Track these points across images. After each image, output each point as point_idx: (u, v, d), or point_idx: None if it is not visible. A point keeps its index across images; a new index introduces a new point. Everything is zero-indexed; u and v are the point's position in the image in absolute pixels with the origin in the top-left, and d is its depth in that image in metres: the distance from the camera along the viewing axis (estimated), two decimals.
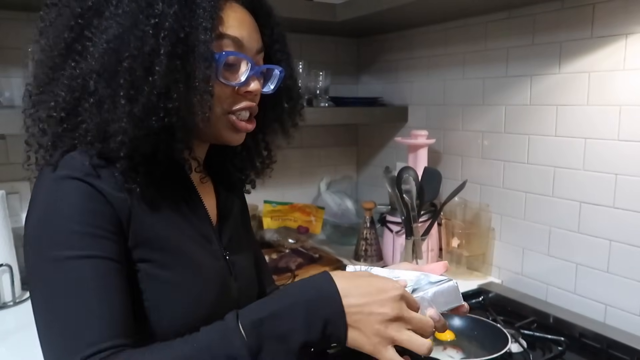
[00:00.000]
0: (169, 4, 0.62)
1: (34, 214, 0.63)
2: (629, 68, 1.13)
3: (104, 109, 0.62)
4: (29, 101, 0.68)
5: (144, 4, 0.62)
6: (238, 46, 0.70)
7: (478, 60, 1.50)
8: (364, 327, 0.59)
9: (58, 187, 0.62)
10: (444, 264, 0.76)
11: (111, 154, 0.63)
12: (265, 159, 0.89)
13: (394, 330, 0.60)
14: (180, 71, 0.62)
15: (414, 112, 1.76)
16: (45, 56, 0.65)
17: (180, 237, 0.70)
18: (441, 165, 1.64)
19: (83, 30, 0.63)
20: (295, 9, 1.50)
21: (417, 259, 1.40)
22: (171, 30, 0.61)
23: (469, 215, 1.51)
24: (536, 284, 1.38)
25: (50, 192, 0.62)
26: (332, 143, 2.00)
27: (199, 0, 0.64)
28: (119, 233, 0.63)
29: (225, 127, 0.72)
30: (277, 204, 1.76)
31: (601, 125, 1.19)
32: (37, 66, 0.67)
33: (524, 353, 1.07)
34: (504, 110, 1.43)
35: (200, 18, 0.64)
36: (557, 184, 1.30)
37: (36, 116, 0.67)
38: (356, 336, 0.59)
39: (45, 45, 0.66)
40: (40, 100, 0.66)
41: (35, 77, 0.67)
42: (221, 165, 0.86)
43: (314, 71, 1.63)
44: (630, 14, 1.12)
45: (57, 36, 0.64)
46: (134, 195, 0.64)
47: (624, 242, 1.17)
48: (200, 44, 0.63)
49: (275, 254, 1.63)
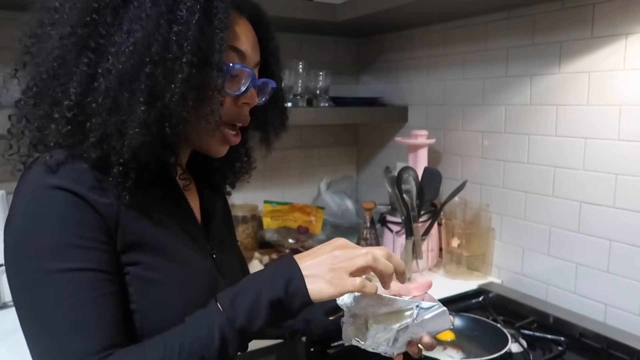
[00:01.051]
0: (191, 11, 0.62)
1: (18, 221, 0.61)
2: (629, 68, 1.13)
3: (116, 112, 0.61)
4: (27, 95, 0.65)
5: (166, 10, 0.61)
6: (242, 58, 0.71)
7: (478, 60, 1.50)
8: (318, 273, 0.64)
9: (44, 196, 0.60)
10: (429, 283, 0.77)
11: (110, 158, 0.62)
12: (244, 164, 0.90)
13: (344, 261, 0.65)
14: (197, 80, 0.63)
15: (414, 112, 1.76)
16: (52, 50, 0.63)
17: (168, 238, 0.70)
18: (441, 165, 1.64)
19: (97, 27, 0.62)
20: (295, 9, 1.50)
21: (417, 259, 1.40)
22: (193, 38, 0.62)
23: (469, 215, 1.51)
24: (536, 283, 1.38)
25: (37, 200, 0.61)
26: (332, 143, 2.00)
27: (215, 11, 0.65)
28: (109, 241, 0.63)
29: (216, 138, 0.73)
30: (277, 204, 1.76)
31: (601, 125, 1.19)
32: (40, 60, 0.64)
33: (524, 353, 1.07)
34: (504, 110, 1.43)
35: (216, 28, 0.64)
36: (557, 184, 1.30)
37: (34, 111, 0.65)
38: (316, 286, 0.63)
39: (55, 37, 0.63)
40: (41, 95, 0.64)
41: (37, 71, 0.64)
42: (202, 166, 0.87)
43: (314, 71, 1.63)
44: (630, 14, 1.12)
45: (70, 31, 0.62)
46: (121, 200, 0.63)
47: (624, 242, 1.17)
48: (215, 54, 0.64)
49: (275, 254, 1.63)
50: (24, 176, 0.64)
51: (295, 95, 1.61)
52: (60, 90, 0.62)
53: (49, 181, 0.60)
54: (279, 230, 1.72)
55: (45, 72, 0.63)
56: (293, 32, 1.80)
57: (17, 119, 0.67)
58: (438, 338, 1.10)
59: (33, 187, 0.61)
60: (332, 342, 1.14)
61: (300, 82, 1.61)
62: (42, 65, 0.63)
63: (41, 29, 0.65)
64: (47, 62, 0.63)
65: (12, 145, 0.67)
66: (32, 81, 0.65)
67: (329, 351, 1.12)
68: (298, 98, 1.61)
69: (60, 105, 0.62)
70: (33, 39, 0.66)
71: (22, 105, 0.66)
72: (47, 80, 0.63)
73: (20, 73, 0.67)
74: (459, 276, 1.47)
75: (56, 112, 0.62)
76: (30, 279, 0.59)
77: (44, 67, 0.63)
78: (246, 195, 1.81)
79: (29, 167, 0.64)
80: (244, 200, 1.81)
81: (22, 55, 0.67)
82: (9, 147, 0.67)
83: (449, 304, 1.29)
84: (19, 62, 0.66)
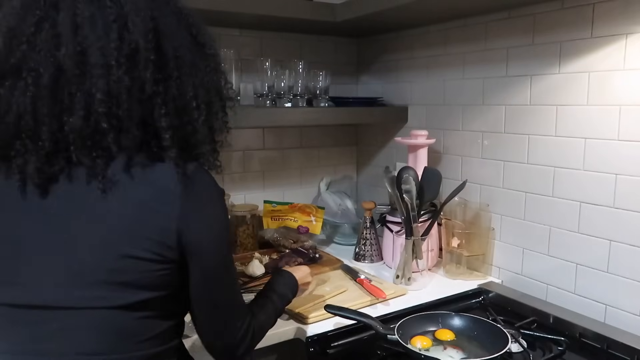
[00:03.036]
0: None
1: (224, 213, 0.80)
2: (629, 68, 1.13)
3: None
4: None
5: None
6: None
7: (478, 60, 1.50)
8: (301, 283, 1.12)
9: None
10: None
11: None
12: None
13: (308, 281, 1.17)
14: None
15: (414, 112, 1.76)
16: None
17: None
18: (441, 165, 1.64)
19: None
20: (295, 9, 1.50)
21: (417, 259, 1.40)
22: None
23: (469, 215, 1.51)
24: (536, 284, 1.38)
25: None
26: (332, 143, 2.01)
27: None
28: None
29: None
30: (277, 204, 1.76)
31: (601, 125, 1.19)
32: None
33: (524, 353, 1.07)
34: (504, 110, 1.43)
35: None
36: (557, 184, 1.30)
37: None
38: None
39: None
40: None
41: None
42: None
43: (313, 71, 1.63)
44: (630, 14, 1.12)
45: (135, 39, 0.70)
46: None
47: (624, 242, 1.17)
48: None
49: (275, 254, 1.63)
50: (204, 172, 0.77)
51: (295, 95, 1.61)
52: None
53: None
54: (279, 230, 1.72)
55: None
56: (293, 32, 1.80)
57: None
58: (438, 338, 1.10)
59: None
60: (332, 342, 1.14)
61: (300, 82, 1.61)
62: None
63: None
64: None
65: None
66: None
67: (329, 351, 1.13)
68: (298, 98, 1.61)
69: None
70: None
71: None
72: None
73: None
74: (459, 276, 1.47)
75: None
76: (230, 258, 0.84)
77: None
78: (246, 195, 1.82)
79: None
80: (244, 200, 1.81)
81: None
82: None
83: (449, 304, 1.31)
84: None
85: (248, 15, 1.46)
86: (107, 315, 0.69)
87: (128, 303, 0.69)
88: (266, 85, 1.57)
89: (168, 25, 0.72)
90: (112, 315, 0.69)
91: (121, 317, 0.70)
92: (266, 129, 1.84)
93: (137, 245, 0.68)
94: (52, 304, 0.69)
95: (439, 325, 1.14)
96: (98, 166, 0.68)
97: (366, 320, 1.12)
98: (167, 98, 0.71)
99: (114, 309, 0.69)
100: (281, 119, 1.55)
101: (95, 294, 0.68)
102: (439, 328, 1.13)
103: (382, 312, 1.25)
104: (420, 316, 1.16)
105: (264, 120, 1.55)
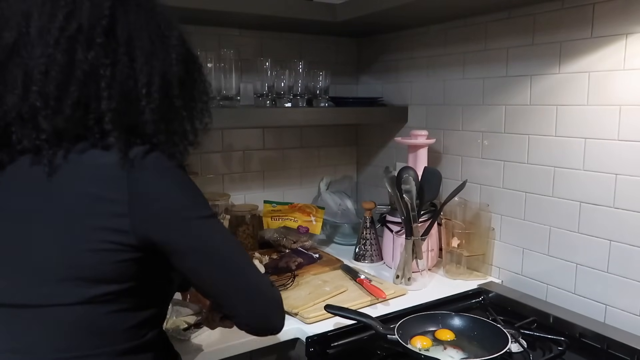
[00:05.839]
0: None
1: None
2: (629, 68, 1.13)
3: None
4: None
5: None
6: None
7: (478, 60, 1.50)
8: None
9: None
10: None
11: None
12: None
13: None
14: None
15: (414, 112, 1.76)
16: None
17: None
18: (441, 165, 1.64)
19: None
20: (295, 9, 1.50)
21: (417, 259, 1.40)
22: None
23: (469, 215, 1.51)
24: (536, 284, 1.38)
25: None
26: (332, 143, 2.00)
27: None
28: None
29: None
30: (277, 204, 1.76)
31: (601, 125, 1.19)
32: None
33: (524, 353, 1.07)
34: (504, 110, 1.43)
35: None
36: (557, 184, 1.30)
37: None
38: None
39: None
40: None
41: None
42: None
43: (313, 71, 1.63)
44: (630, 14, 1.12)
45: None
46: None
47: (624, 242, 1.17)
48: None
49: (275, 254, 1.63)
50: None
51: (295, 95, 1.61)
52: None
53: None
54: (279, 230, 1.72)
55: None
56: (293, 32, 1.80)
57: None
58: (438, 338, 1.10)
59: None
60: (332, 342, 1.14)
61: (300, 82, 1.61)
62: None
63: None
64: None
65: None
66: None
67: (329, 351, 1.13)
68: (298, 98, 1.61)
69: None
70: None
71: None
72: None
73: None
74: (459, 276, 1.47)
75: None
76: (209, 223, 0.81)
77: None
78: (246, 195, 1.82)
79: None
80: (244, 200, 1.81)
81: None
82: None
83: (449, 304, 1.30)
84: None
85: (248, 15, 1.46)
86: (74, 311, 0.69)
87: (93, 297, 0.69)
88: (266, 85, 1.57)
89: (129, 13, 0.73)
90: (80, 311, 0.69)
91: (90, 312, 0.69)
92: (266, 129, 1.84)
93: (92, 238, 0.67)
94: (20, 302, 0.69)
95: (439, 325, 1.14)
96: (43, 152, 0.68)
97: (366, 320, 1.12)
98: (113, 82, 0.70)
99: (81, 305, 0.69)
100: (281, 119, 1.55)
101: (60, 291, 0.68)
102: (439, 328, 1.13)
103: (382, 312, 1.25)
104: (420, 316, 1.16)
105: (264, 120, 1.55)
